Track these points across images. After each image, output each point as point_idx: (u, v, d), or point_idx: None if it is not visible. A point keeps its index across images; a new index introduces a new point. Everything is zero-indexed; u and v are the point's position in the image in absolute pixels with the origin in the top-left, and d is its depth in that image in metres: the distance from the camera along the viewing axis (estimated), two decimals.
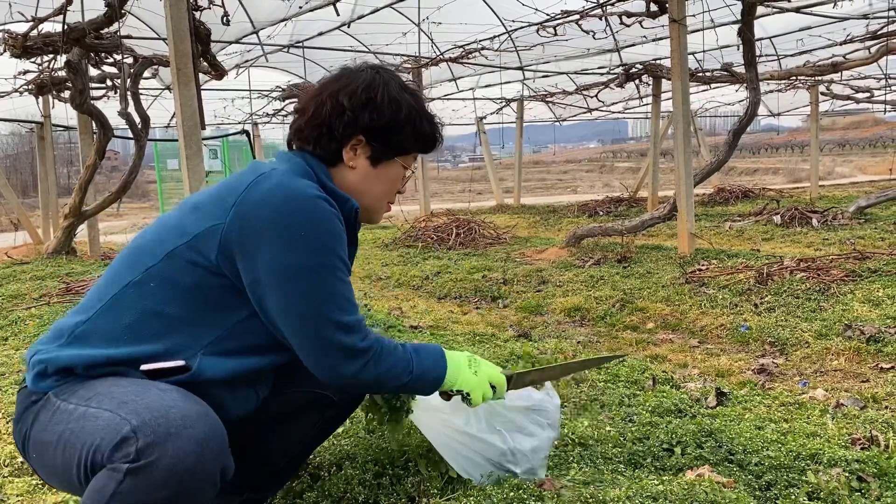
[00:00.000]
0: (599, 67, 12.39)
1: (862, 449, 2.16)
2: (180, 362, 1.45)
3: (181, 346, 1.47)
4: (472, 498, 1.76)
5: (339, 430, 2.30)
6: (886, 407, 2.78)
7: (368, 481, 1.88)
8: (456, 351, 1.72)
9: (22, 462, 2.34)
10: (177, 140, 4.43)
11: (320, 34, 10.44)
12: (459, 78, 13.48)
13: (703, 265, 5.53)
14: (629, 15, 7.23)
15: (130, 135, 7.83)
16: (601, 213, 11.30)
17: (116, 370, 1.44)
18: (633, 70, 10.99)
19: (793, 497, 1.82)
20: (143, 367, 1.44)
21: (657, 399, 2.70)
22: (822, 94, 13.54)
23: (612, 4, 7.57)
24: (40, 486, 2.21)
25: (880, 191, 9.29)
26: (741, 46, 6.24)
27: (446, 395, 1.70)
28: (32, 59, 7.21)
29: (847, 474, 1.94)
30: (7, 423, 2.75)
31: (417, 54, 10.71)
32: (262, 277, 1.45)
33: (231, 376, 1.51)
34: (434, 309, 5.22)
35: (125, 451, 1.25)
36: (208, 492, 1.32)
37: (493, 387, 1.71)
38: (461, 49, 10.59)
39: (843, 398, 2.86)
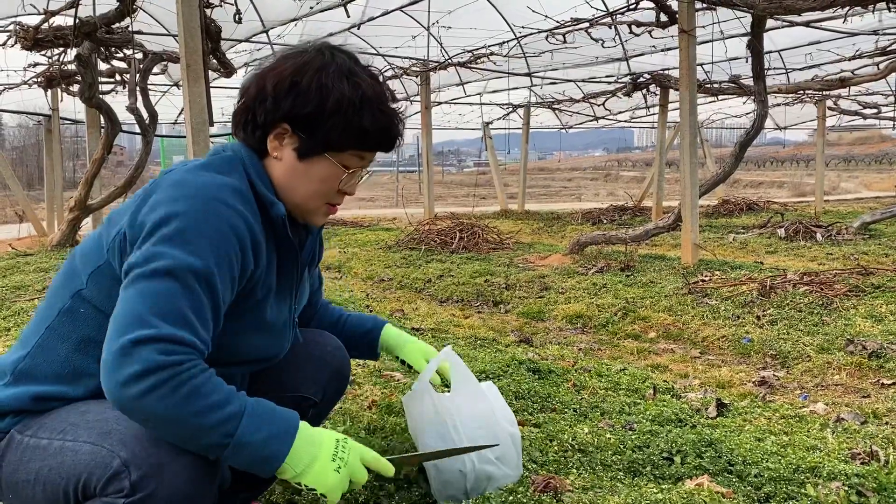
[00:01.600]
0: (607, 76, 12.42)
1: (862, 464, 2.16)
2: None
3: None
4: None
5: (340, 429, 2.31)
6: (887, 423, 2.77)
7: (370, 482, 1.88)
8: (328, 431, 1.36)
9: None
10: (184, 137, 4.45)
11: (330, 35, 10.39)
12: (467, 83, 13.52)
13: (706, 276, 5.53)
14: (639, 24, 7.24)
15: (137, 130, 7.86)
16: (605, 221, 11.30)
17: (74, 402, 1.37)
18: (641, 79, 11.02)
19: None
20: None
21: (658, 408, 2.69)
22: (830, 108, 13.55)
23: (622, 13, 7.58)
24: None
25: (886, 207, 9.29)
26: (750, 59, 6.25)
27: (288, 485, 1.30)
28: (43, 52, 7.24)
29: (846, 488, 1.93)
30: None
31: (426, 58, 10.73)
32: (127, 263, 1.30)
33: None
34: (436, 312, 5.22)
35: (118, 485, 1.21)
36: None
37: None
38: (470, 54, 10.63)
39: (844, 413, 2.86)
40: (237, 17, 4.90)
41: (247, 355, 1.51)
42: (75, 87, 8.32)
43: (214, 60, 6.47)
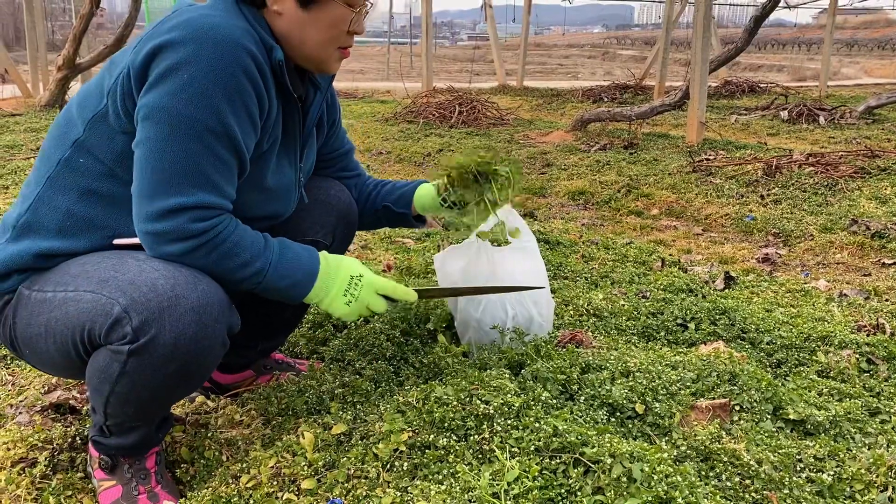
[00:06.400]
0: None
1: (868, 335, 2.21)
2: None
3: (127, 222, 1.34)
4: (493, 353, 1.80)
5: None
6: (887, 300, 2.83)
7: (397, 338, 1.91)
8: (347, 265, 1.46)
9: None
10: None
11: None
12: None
13: (710, 155, 5.49)
14: None
15: None
16: (606, 99, 11.06)
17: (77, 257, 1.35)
18: None
19: (803, 374, 1.88)
20: (116, 241, 1.36)
21: (668, 279, 2.73)
22: None
23: None
24: None
25: (891, 92, 9.13)
26: None
27: None
28: None
29: (857, 356, 1.99)
30: None
31: None
32: (140, 110, 1.26)
33: None
34: None
35: (121, 332, 1.21)
36: (217, 352, 1.30)
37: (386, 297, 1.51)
38: None
39: (846, 289, 2.91)
40: None
41: (248, 212, 1.46)
42: None
43: None
